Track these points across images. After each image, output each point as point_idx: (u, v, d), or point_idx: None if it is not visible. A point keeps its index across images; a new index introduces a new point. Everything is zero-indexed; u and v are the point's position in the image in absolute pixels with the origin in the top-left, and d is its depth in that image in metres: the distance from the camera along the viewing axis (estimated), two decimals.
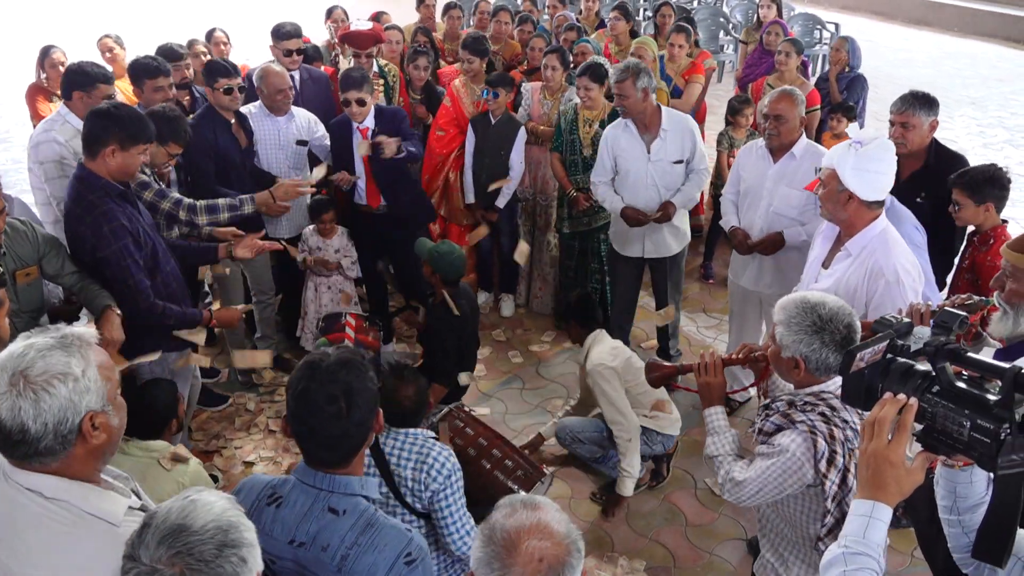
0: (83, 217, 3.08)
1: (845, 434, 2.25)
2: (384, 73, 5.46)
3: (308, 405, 1.79)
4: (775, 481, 2.30)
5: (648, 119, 4.35)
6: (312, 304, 4.92)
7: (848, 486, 2.27)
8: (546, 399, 4.79)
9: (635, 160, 4.39)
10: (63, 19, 17.18)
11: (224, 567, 1.35)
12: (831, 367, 2.24)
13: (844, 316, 2.23)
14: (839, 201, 2.93)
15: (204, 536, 1.35)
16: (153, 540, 1.35)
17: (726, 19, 12.38)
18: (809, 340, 2.22)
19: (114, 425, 1.66)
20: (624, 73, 4.22)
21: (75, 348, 1.61)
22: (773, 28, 6.59)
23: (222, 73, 4.26)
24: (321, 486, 1.83)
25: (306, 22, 7.65)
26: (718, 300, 5.82)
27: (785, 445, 2.27)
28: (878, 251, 2.91)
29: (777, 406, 2.38)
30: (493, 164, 5.12)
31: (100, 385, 1.61)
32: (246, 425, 4.57)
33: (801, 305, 2.25)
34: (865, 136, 2.87)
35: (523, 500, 1.53)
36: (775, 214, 3.97)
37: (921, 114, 3.83)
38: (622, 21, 6.48)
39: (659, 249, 4.58)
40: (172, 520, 1.37)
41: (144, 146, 3.16)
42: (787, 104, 3.86)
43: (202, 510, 1.39)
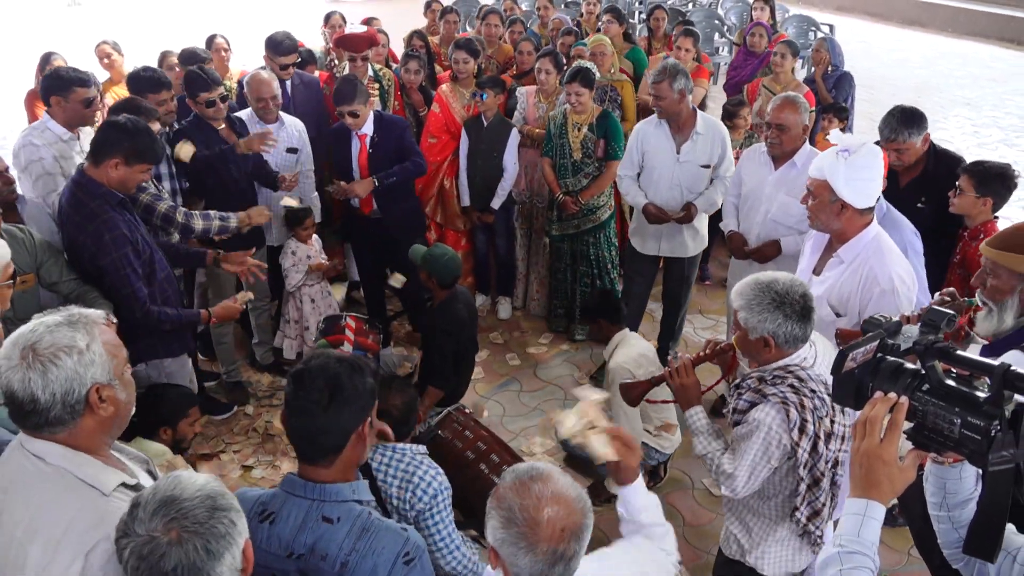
0: (83, 225, 3.09)
1: (814, 403, 2.36)
2: (379, 77, 5.47)
3: (297, 390, 1.83)
4: (762, 458, 2.39)
5: (682, 121, 4.36)
6: (294, 312, 4.92)
7: (819, 452, 2.37)
8: (543, 401, 4.80)
9: (663, 159, 4.41)
10: (62, 26, 17.20)
11: (217, 527, 1.43)
12: (799, 337, 2.37)
13: (798, 287, 2.36)
14: (832, 211, 2.89)
15: (195, 502, 1.43)
16: (146, 513, 1.42)
17: (721, 21, 12.42)
18: (773, 317, 2.33)
19: (121, 399, 1.74)
20: (661, 74, 4.22)
21: (81, 325, 1.69)
22: (756, 30, 6.60)
23: (202, 88, 4.22)
24: (312, 496, 1.83)
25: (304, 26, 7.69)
26: (715, 301, 5.84)
27: (760, 419, 2.37)
28: (872, 258, 2.88)
29: (748, 383, 2.47)
30: (487, 166, 5.15)
31: (106, 360, 1.70)
32: (245, 430, 4.58)
33: (756, 286, 2.38)
34: (851, 143, 2.83)
35: (528, 471, 1.57)
36: (773, 222, 3.94)
37: (912, 136, 3.76)
38: (615, 24, 6.50)
39: (676, 249, 4.61)
40: (162, 493, 1.44)
41: (148, 166, 3.20)
42: (790, 112, 3.81)
43: (187, 482, 1.47)
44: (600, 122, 4.84)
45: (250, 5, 18.57)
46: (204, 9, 17.63)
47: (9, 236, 3.09)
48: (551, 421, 3.97)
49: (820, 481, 2.40)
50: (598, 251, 5.13)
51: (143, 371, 3.39)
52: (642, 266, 4.79)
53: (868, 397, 1.50)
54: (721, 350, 2.69)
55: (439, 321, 3.95)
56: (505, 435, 4.41)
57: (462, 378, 4.27)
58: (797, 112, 3.82)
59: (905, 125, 3.75)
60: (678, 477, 4.16)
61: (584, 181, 4.94)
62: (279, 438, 4.50)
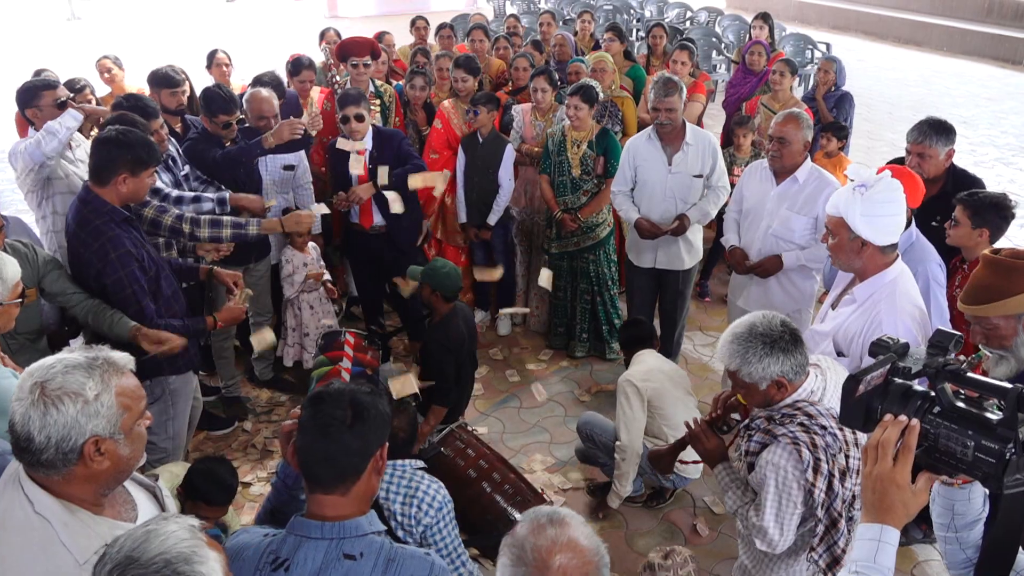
0: (89, 243, 3.09)
1: (825, 440, 2.28)
2: (380, 93, 5.48)
3: (317, 410, 1.75)
4: (785, 502, 2.32)
5: (673, 133, 4.39)
6: (290, 320, 4.90)
7: (834, 491, 2.29)
8: (543, 417, 4.78)
9: (655, 171, 4.43)
10: (60, 40, 17.26)
11: None
12: (802, 363, 2.31)
13: (775, 322, 2.30)
14: (852, 250, 2.78)
15: (148, 570, 1.33)
16: (104, 569, 1.36)
17: (718, 39, 12.49)
18: (774, 359, 2.27)
19: (123, 454, 1.69)
20: (671, 88, 4.23)
21: (98, 371, 1.66)
22: (755, 48, 6.63)
23: (223, 110, 4.26)
24: (330, 535, 1.73)
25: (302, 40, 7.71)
26: (714, 318, 5.83)
27: (775, 462, 2.30)
28: (883, 303, 2.77)
29: (757, 424, 2.41)
30: (483, 183, 5.16)
31: (113, 412, 1.66)
32: (243, 446, 4.55)
33: (742, 339, 2.30)
34: (868, 177, 2.71)
35: (548, 515, 1.52)
36: (774, 237, 3.95)
37: (938, 144, 3.75)
38: (616, 42, 6.53)
39: (672, 262, 4.62)
40: (124, 551, 1.36)
41: (152, 168, 3.19)
42: (792, 127, 3.82)
43: (155, 541, 1.37)
44: (599, 139, 4.85)
45: (250, 20, 18.65)
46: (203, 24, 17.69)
47: (12, 250, 3.08)
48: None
49: (838, 522, 2.31)
50: (598, 268, 5.13)
51: (147, 386, 3.37)
52: (640, 279, 4.81)
53: (877, 420, 1.48)
54: (731, 406, 2.64)
55: (439, 337, 3.94)
56: (505, 452, 4.39)
57: (463, 394, 4.27)
58: (799, 127, 3.84)
59: (935, 132, 3.76)
60: (680, 495, 4.14)
61: (583, 198, 4.95)
62: (278, 453, 4.47)
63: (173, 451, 3.58)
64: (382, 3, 19.87)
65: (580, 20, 7.76)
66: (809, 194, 3.87)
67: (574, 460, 4.36)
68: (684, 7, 14.94)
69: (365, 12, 19.50)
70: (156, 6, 21.46)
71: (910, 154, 3.84)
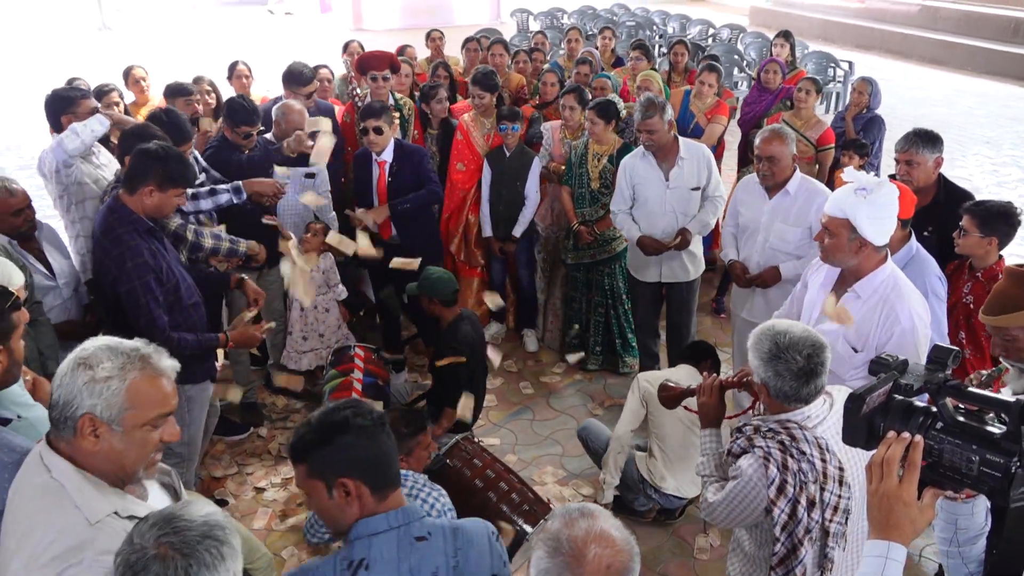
0: (109, 250, 3.14)
1: (800, 466, 2.27)
2: (399, 106, 5.54)
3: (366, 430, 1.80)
4: (739, 505, 2.38)
5: (667, 149, 4.45)
6: (298, 323, 4.93)
7: (798, 518, 2.28)
8: (555, 431, 4.79)
9: (654, 187, 4.49)
10: (92, 50, 17.57)
11: (203, 555, 1.43)
12: (790, 396, 2.30)
13: (805, 347, 2.27)
14: (851, 249, 2.88)
15: (192, 524, 1.46)
16: (147, 526, 1.46)
17: (740, 56, 12.51)
18: (766, 367, 2.31)
19: (115, 446, 1.71)
20: (651, 109, 4.30)
21: (123, 358, 1.71)
22: (771, 66, 6.62)
23: (246, 121, 4.34)
24: (396, 523, 1.80)
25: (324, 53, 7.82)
26: (728, 334, 5.81)
27: (743, 468, 2.35)
28: (891, 295, 2.88)
29: (745, 430, 2.45)
30: (510, 196, 5.21)
31: (118, 400, 1.68)
32: (258, 452, 4.60)
33: (765, 332, 2.35)
34: (868, 181, 2.83)
35: (578, 509, 1.57)
36: (771, 249, 4.04)
37: (925, 152, 3.90)
38: (644, 60, 6.58)
39: (676, 274, 4.66)
40: (168, 510, 1.50)
41: (181, 189, 3.24)
42: (778, 144, 3.91)
43: (196, 507, 1.51)
44: (620, 154, 4.88)
45: (272, 32, 18.89)
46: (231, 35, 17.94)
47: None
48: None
49: (798, 549, 2.30)
50: (613, 282, 5.15)
51: None
52: (644, 293, 4.84)
53: (880, 437, 1.49)
54: (749, 381, 2.66)
55: (449, 341, 4.03)
56: (517, 464, 4.40)
57: (476, 402, 4.30)
58: (784, 143, 3.93)
59: (922, 140, 3.91)
60: (689, 510, 4.12)
61: (601, 212, 4.98)
62: None
63: (188, 456, 3.62)
64: (407, 16, 20.07)
65: (601, 37, 7.82)
66: (801, 206, 3.97)
67: (585, 473, 4.37)
68: (707, 24, 15.00)
69: (390, 25, 19.71)
70: (186, 17, 21.80)
71: (899, 163, 3.99)
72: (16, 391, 2.40)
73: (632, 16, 15.79)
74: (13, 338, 2.13)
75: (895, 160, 4.02)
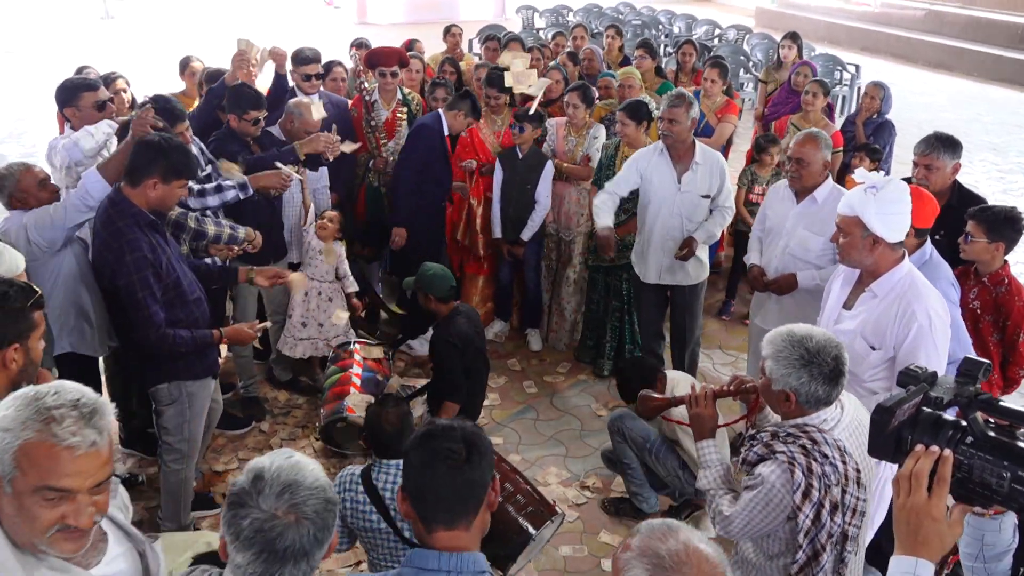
0: (109, 243, 3.12)
1: (823, 469, 2.26)
2: (407, 100, 5.51)
3: (430, 451, 1.75)
4: (760, 514, 2.35)
5: (684, 150, 4.39)
6: (299, 307, 4.88)
7: (821, 522, 2.27)
8: (558, 430, 4.76)
9: (664, 188, 4.42)
10: (95, 38, 17.51)
11: (327, 519, 1.55)
12: (821, 399, 2.31)
13: (832, 348, 2.29)
14: (864, 247, 2.90)
15: (314, 491, 1.54)
16: (271, 493, 1.51)
17: (747, 57, 12.47)
18: (798, 374, 2.28)
19: (5, 509, 1.52)
20: (679, 99, 4.25)
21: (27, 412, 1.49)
22: (802, 69, 6.60)
23: (252, 105, 4.31)
24: (447, 567, 1.71)
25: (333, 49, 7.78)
26: (735, 337, 5.79)
27: (765, 476, 2.32)
28: (908, 293, 2.87)
29: (761, 437, 2.42)
30: (520, 198, 5.15)
31: (7, 457, 1.47)
32: (260, 446, 4.57)
33: (788, 339, 2.33)
34: (877, 180, 2.86)
35: (664, 524, 1.52)
36: (790, 256, 3.95)
37: (944, 156, 3.86)
38: (648, 59, 6.54)
39: (676, 277, 4.59)
40: (285, 476, 1.53)
41: (184, 181, 3.22)
42: (811, 147, 3.83)
43: (307, 469, 1.57)
44: None
45: (280, 23, 18.84)
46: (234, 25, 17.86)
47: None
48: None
49: (820, 555, 2.29)
50: (630, 288, 5.09)
51: (165, 389, 3.40)
52: (648, 294, 4.79)
53: (908, 450, 1.46)
54: (746, 389, 2.68)
55: (443, 335, 4.02)
56: (520, 463, 4.37)
57: (475, 397, 4.29)
58: (818, 148, 3.85)
59: (942, 144, 3.87)
60: (697, 516, 4.09)
61: (623, 216, 4.90)
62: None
63: (189, 452, 3.60)
64: (411, 11, 20.01)
65: (607, 36, 7.78)
66: (827, 215, 3.85)
67: (589, 473, 4.34)
68: (713, 24, 14.94)
69: (394, 19, 19.65)
70: (188, 6, 21.73)
71: (917, 166, 3.94)
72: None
73: (638, 15, 15.74)
74: (32, 337, 2.09)
75: (913, 163, 3.97)
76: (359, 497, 2.85)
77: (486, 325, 5.39)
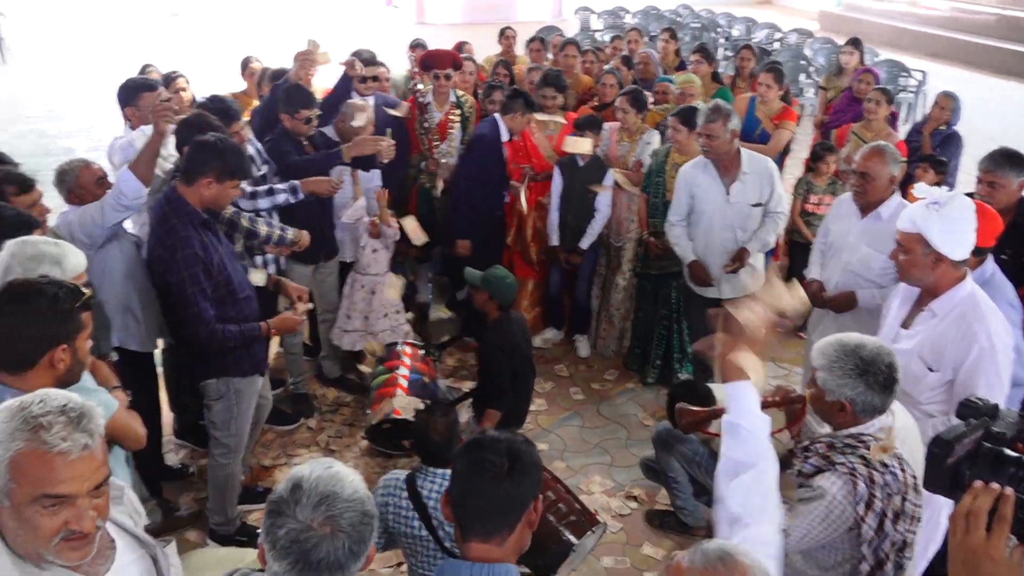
0: (163, 239, 3.20)
1: (884, 479, 2.24)
2: (460, 103, 5.52)
3: (473, 461, 1.76)
4: (820, 526, 2.30)
5: (729, 161, 4.30)
6: (346, 299, 4.92)
7: (885, 532, 2.25)
8: (604, 439, 4.72)
9: (713, 201, 4.34)
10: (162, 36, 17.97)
11: (364, 532, 1.53)
12: (877, 407, 2.29)
13: (885, 356, 2.28)
14: (926, 265, 2.82)
15: (352, 504, 1.52)
16: (308, 503, 1.49)
17: (808, 62, 12.22)
18: (854, 383, 2.26)
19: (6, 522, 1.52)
20: (715, 114, 4.16)
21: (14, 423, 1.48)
22: (865, 77, 6.42)
23: (305, 104, 4.36)
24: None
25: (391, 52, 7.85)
26: (788, 350, 5.66)
27: (825, 488, 2.28)
28: (969, 314, 2.78)
29: (816, 447, 2.39)
30: (579, 207, 5.11)
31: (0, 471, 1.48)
32: (307, 443, 4.63)
33: (841, 348, 2.31)
34: (940, 195, 2.78)
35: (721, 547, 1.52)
36: (852, 273, 3.82)
37: (1010, 174, 3.72)
38: (704, 64, 6.45)
39: (735, 290, 4.48)
40: (324, 487, 1.52)
41: (238, 181, 3.29)
42: (877, 161, 3.68)
43: (346, 481, 1.55)
44: None
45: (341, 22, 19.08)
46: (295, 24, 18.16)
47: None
48: None
49: (884, 564, 2.26)
50: (679, 296, 5.02)
51: (213, 384, 3.47)
52: (701, 306, 4.67)
53: (966, 486, 1.40)
54: (791, 400, 2.62)
55: (493, 339, 4.04)
56: (564, 471, 4.35)
57: (521, 403, 4.28)
58: (885, 162, 3.70)
59: (1007, 161, 3.74)
60: None
61: None
62: (339, 453, 4.54)
63: (235, 447, 3.66)
64: (468, 11, 20.10)
65: (661, 39, 7.70)
66: (892, 232, 3.68)
67: (634, 483, 4.29)
68: (773, 28, 14.67)
69: (452, 20, 19.75)
70: (251, 5, 22.16)
71: (981, 182, 3.80)
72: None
73: (696, 18, 15.54)
74: (79, 338, 2.13)
75: (977, 180, 3.83)
76: (402, 503, 2.86)
77: (534, 330, 5.37)
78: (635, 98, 5.17)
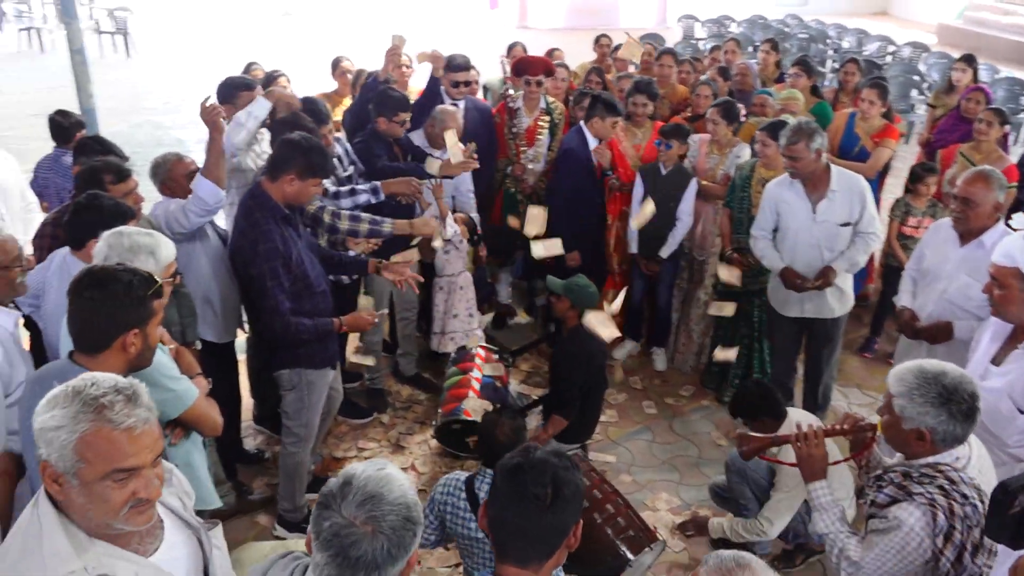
0: (246, 232, 3.32)
1: (964, 510, 2.16)
2: (550, 110, 5.52)
3: (516, 484, 1.72)
4: (895, 557, 2.23)
5: (817, 178, 4.15)
6: (441, 305, 5.01)
7: (963, 565, 2.16)
8: (674, 455, 4.63)
9: (799, 220, 4.19)
10: (275, 34, 18.66)
11: (404, 536, 1.53)
12: (958, 438, 2.23)
13: (967, 385, 2.21)
14: (1023, 301, 2.69)
15: (395, 507, 1.53)
16: (354, 500, 1.52)
17: (922, 78, 11.68)
18: (936, 412, 2.19)
19: (75, 499, 1.59)
20: (797, 136, 4.01)
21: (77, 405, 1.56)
22: (974, 95, 6.08)
23: (402, 108, 4.46)
24: None
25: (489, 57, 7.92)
26: (876, 377, 5.43)
27: (903, 519, 2.20)
28: None
29: (891, 477, 2.31)
30: (660, 215, 5.02)
31: (67, 452, 1.55)
32: (378, 437, 4.72)
33: (922, 375, 2.23)
34: None
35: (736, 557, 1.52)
36: (949, 302, 3.60)
37: None
38: (803, 77, 6.24)
39: (820, 310, 4.33)
40: (371, 487, 1.54)
41: (319, 180, 3.40)
42: (981, 187, 3.46)
43: (394, 484, 1.56)
44: None
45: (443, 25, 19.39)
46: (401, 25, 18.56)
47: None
48: None
49: None
50: (761, 315, 4.86)
51: (287, 374, 3.58)
52: (785, 328, 4.52)
53: None
54: (860, 428, 2.55)
55: (569, 348, 4.04)
56: (630, 485, 4.30)
57: (591, 414, 4.26)
58: (989, 188, 3.48)
59: None
60: (812, 562, 3.87)
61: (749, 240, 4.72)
62: (409, 450, 4.61)
63: (305, 437, 3.76)
64: (572, 16, 20.09)
65: (762, 50, 7.49)
66: None
67: (701, 504, 4.20)
68: (886, 40, 14.07)
69: (554, 24, 19.79)
70: (359, 5, 22.76)
71: None
72: (165, 362, 2.54)
73: (804, 28, 15.07)
74: (151, 324, 2.22)
75: None
76: (460, 503, 2.89)
77: (612, 343, 5.32)
78: (726, 110, 5.06)
